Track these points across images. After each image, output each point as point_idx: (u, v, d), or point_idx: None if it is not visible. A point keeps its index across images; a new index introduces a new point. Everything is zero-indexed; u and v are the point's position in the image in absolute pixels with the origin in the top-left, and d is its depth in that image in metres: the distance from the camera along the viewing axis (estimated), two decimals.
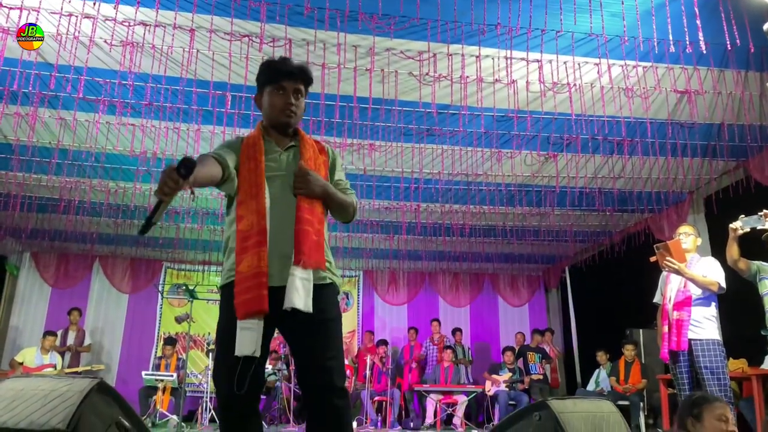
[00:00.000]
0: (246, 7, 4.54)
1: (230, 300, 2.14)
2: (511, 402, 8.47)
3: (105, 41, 4.86)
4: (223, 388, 2.15)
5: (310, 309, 2.11)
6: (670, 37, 4.51)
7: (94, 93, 5.53)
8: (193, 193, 1.99)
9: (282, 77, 2.31)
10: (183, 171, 1.83)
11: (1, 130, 6.13)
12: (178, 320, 10.64)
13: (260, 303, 2.07)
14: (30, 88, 5.36)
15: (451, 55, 5.16)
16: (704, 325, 4.20)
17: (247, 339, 2.07)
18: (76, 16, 4.61)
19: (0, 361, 9.70)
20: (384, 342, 9.57)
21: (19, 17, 4.56)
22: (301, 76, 2.35)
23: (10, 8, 4.49)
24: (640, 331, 8.63)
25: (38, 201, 7.93)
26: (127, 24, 4.68)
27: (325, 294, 2.23)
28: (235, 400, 2.14)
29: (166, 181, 1.82)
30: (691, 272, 4.20)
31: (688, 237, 4.41)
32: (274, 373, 8.93)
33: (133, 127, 6.05)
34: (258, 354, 2.09)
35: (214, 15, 4.60)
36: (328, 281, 2.28)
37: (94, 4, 4.43)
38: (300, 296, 2.09)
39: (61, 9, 4.48)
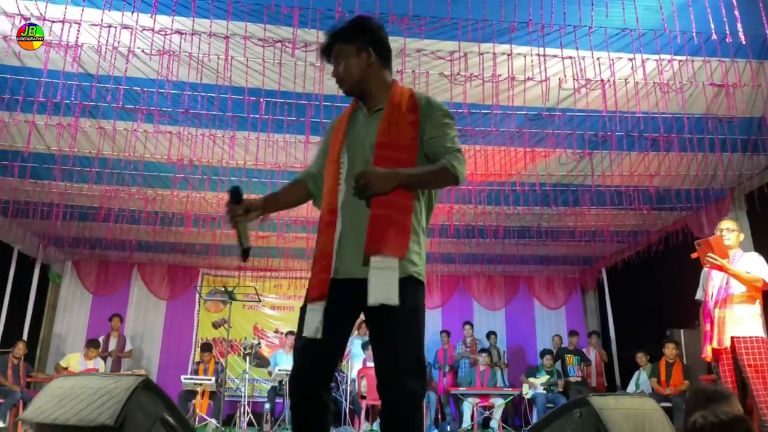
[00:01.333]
0: (279, 13, 4.61)
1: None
2: (548, 405, 8.38)
3: (143, 51, 5.00)
4: (293, 368, 2.13)
5: (391, 301, 1.93)
6: (712, 27, 4.42)
7: (132, 102, 5.67)
8: (264, 219, 2.25)
9: (323, 56, 2.26)
10: (232, 200, 2.14)
11: (44, 141, 6.32)
12: (215, 325, 10.81)
13: (322, 287, 2.02)
14: (72, 99, 5.53)
15: (482, 54, 5.16)
16: (748, 323, 4.09)
17: (311, 319, 2.03)
18: (116, 27, 4.75)
19: (45, 367, 9.98)
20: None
21: (62, 30, 4.71)
22: (330, 45, 2.20)
23: (53, 21, 4.64)
24: (681, 331, 8.44)
25: (79, 210, 8.16)
26: (163, 33, 4.80)
27: (404, 288, 1.99)
28: (300, 381, 2.07)
29: (226, 211, 2.12)
30: (735, 269, 4.10)
31: (731, 233, 4.31)
32: None
33: (171, 134, 6.18)
34: (320, 335, 2.00)
35: (248, 22, 4.68)
36: (406, 274, 2.04)
37: (132, 14, 4.55)
38: (378, 290, 1.94)
39: (101, 21, 4.61)
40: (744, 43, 4.51)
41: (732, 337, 4.09)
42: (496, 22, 4.71)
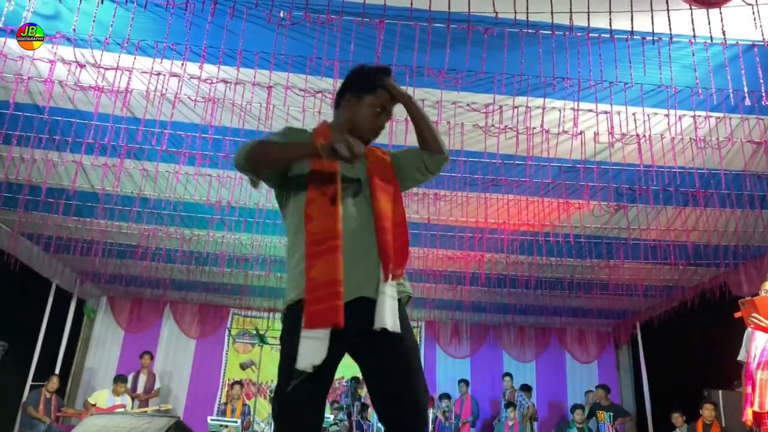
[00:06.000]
0: (320, 65, 4.77)
1: (299, 317, 1.93)
2: None
3: (189, 97, 5.20)
4: (283, 414, 1.96)
5: (398, 328, 1.95)
6: (745, 88, 4.43)
7: (176, 145, 5.87)
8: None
9: (386, 99, 2.27)
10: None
11: (89, 180, 6.55)
12: (243, 366, 10.82)
13: (334, 314, 1.88)
14: (119, 141, 5.76)
15: (516, 107, 5.23)
16: None
17: (311, 348, 1.88)
18: (164, 75, 4.96)
19: (75, 400, 10.08)
20: (447, 396, 9.39)
21: (114, 77, 4.94)
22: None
23: (106, 69, 4.88)
24: (719, 392, 8.14)
25: (117, 247, 8.36)
26: (209, 81, 5.00)
27: (402, 312, 2.04)
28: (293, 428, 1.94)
29: (356, 145, 1.90)
30: None
31: None
32: (335, 424, 8.87)
33: (210, 177, 6.36)
34: (318, 362, 1.88)
35: (291, 72, 4.85)
36: (405, 294, 2.13)
37: (182, 63, 4.76)
38: (390, 315, 1.94)
39: (152, 69, 4.83)
40: None
41: None
42: (533, 77, 4.79)
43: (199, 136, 5.70)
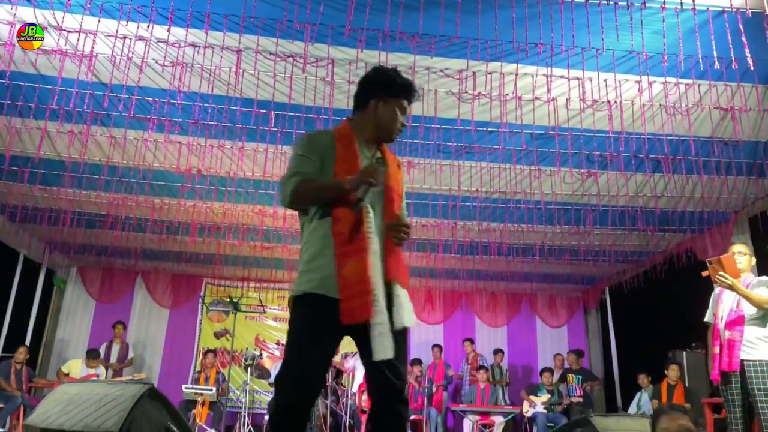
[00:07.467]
0: (291, 29, 4.68)
1: (315, 306, 2.20)
2: (549, 424, 8.35)
3: (156, 62, 5.07)
4: (297, 393, 2.20)
5: (414, 323, 2.30)
6: (715, 54, 4.48)
7: (144, 112, 5.74)
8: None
9: (411, 99, 2.45)
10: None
11: (55, 148, 6.39)
12: (218, 335, 10.83)
13: (369, 311, 2.14)
14: (84, 107, 5.60)
15: (490, 73, 5.22)
16: (758, 346, 4.05)
17: (388, 342, 2.15)
18: (130, 38, 4.82)
19: (47, 372, 10.00)
20: (418, 361, 9.52)
21: (77, 40, 4.79)
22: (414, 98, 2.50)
23: (69, 31, 4.72)
24: (684, 353, 8.42)
25: (86, 217, 8.21)
26: (177, 45, 4.87)
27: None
28: (308, 397, 2.23)
29: (380, 172, 2.23)
30: (745, 289, 4.09)
31: (743, 256, 4.28)
32: None
33: (180, 144, 6.25)
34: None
35: (260, 36, 4.75)
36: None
37: (148, 26, 4.62)
38: (408, 314, 2.25)
39: (117, 32, 4.69)
40: (751, 67, 4.56)
41: (742, 360, 4.06)
42: (507, 42, 4.77)
43: (168, 102, 5.58)
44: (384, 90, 2.40)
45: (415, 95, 2.44)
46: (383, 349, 2.12)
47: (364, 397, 8.55)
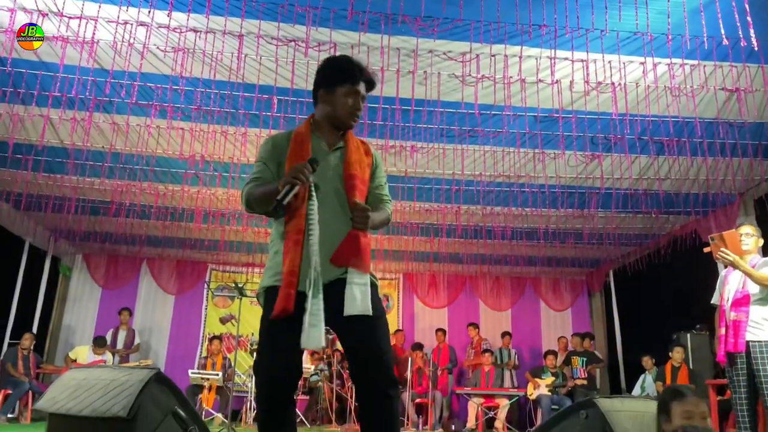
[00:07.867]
0: (293, 13, 4.65)
1: (274, 299, 2.24)
2: (554, 406, 8.39)
3: (158, 48, 5.05)
4: (268, 376, 2.26)
5: (369, 311, 2.21)
6: (722, 32, 4.42)
7: (146, 98, 5.73)
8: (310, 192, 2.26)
9: (359, 81, 2.40)
10: (315, 165, 2.20)
11: (58, 135, 6.39)
12: (223, 321, 10.88)
13: (290, 303, 2.17)
14: (86, 94, 5.59)
15: (493, 55, 5.18)
16: (763, 326, 4.01)
17: (316, 333, 2.14)
18: (132, 24, 4.80)
19: (54, 358, 10.08)
20: (419, 346, 9.55)
21: (79, 26, 4.77)
22: (371, 85, 2.47)
23: (70, 18, 4.70)
24: (688, 335, 8.44)
25: (91, 204, 8.23)
26: (179, 31, 4.85)
27: (374, 293, 2.32)
28: (279, 387, 2.26)
29: (303, 170, 2.14)
30: (747, 266, 4.05)
31: (750, 237, 4.23)
32: (316, 374, 9.04)
33: (183, 131, 6.24)
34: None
35: (262, 20, 4.72)
36: (375, 282, 2.38)
37: (149, 12, 4.60)
38: (358, 302, 2.20)
39: (118, 17, 4.67)
40: (756, 48, 4.51)
41: (747, 341, 4.04)
42: (510, 24, 4.73)
43: (170, 88, 5.56)
44: (325, 79, 2.43)
45: (359, 75, 2.39)
46: (307, 338, 2.12)
47: None
